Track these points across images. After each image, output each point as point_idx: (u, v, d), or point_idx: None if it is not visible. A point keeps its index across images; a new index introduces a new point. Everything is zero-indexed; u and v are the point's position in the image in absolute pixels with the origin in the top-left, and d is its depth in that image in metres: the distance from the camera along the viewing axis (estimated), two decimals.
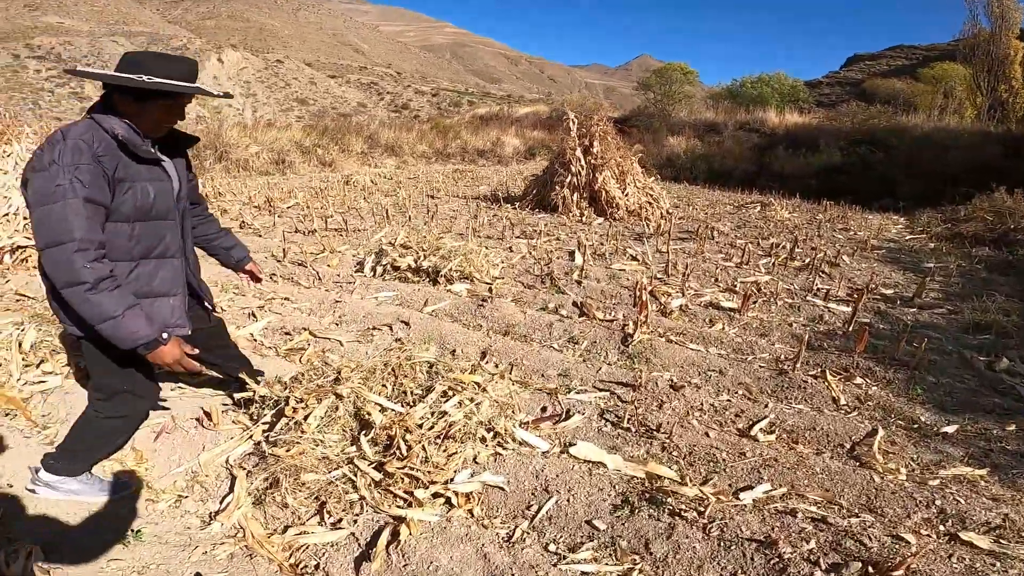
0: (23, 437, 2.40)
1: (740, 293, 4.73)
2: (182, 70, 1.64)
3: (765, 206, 9.86)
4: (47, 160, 1.51)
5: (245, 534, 1.84)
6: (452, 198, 9.81)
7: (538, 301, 4.34)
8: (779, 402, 3.03)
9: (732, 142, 16.14)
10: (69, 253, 1.48)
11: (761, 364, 3.47)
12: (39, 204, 1.49)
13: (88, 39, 51.18)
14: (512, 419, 2.41)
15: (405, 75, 72.80)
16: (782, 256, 6.05)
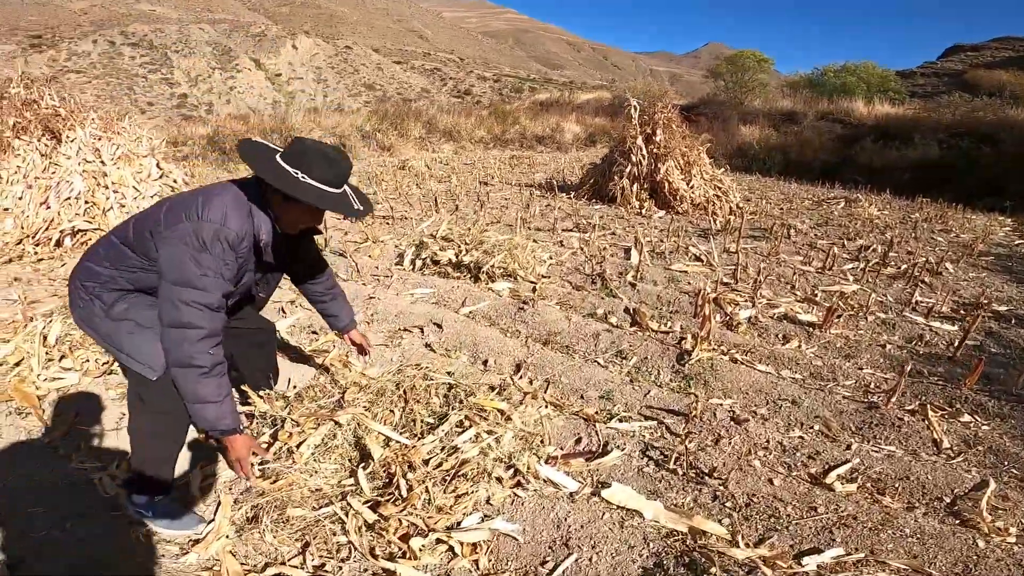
0: (27, 436, 2.32)
1: (822, 304, 4.16)
2: (333, 175, 1.66)
3: (851, 202, 8.93)
4: (199, 245, 1.55)
5: (221, 569, 1.63)
6: (506, 185, 9.50)
7: (586, 305, 3.96)
8: (865, 442, 2.54)
9: (812, 132, 14.90)
10: (194, 340, 1.57)
11: (845, 394, 2.96)
12: (180, 284, 1.54)
13: (177, 26, 54.51)
14: (538, 453, 2.08)
15: (467, 61, 73.08)
16: (873, 261, 5.34)
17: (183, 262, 1.54)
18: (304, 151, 1.65)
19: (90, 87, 43.22)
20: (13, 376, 2.65)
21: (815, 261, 5.42)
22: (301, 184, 1.61)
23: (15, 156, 5.21)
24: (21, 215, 5.06)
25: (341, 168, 1.69)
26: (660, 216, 7.42)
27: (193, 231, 1.55)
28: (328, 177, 1.66)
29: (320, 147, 1.67)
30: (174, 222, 1.58)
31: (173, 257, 1.55)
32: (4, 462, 2.14)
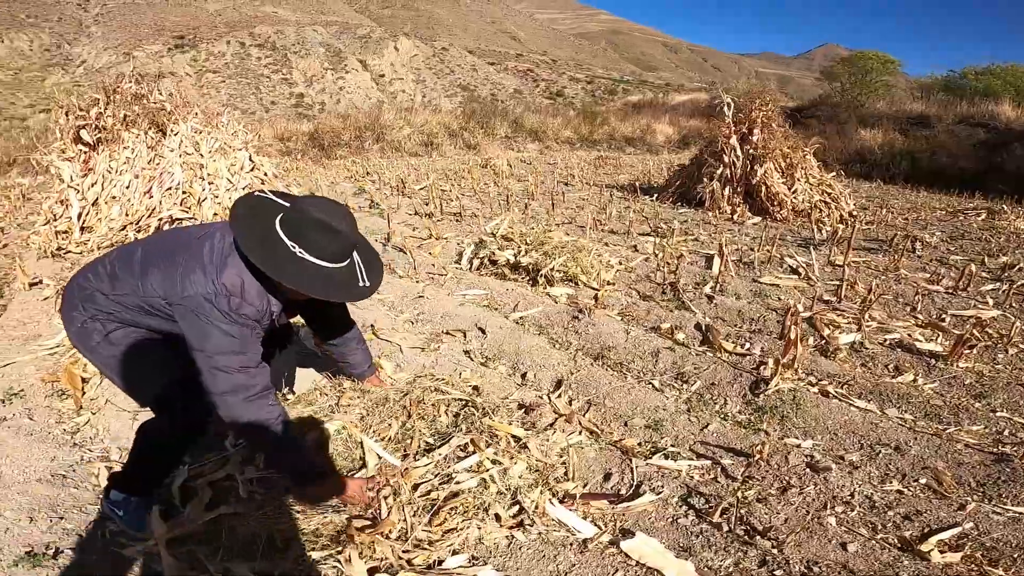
0: (55, 423, 2.41)
1: (950, 331, 3.48)
2: (334, 250, 1.52)
3: (993, 213, 7.66)
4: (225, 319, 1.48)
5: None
6: (586, 186, 9.19)
7: (651, 318, 3.59)
8: (985, 502, 2.03)
9: (948, 137, 13.24)
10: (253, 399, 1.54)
11: (969, 441, 2.40)
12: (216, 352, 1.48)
13: (295, 28, 59.43)
14: (554, 489, 1.80)
15: (560, 62, 73.15)
16: (1019, 282, 4.46)
17: (212, 335, 1.47)
18: (302, 221, 1.49)
19: (224, 86, 48.32)
20: (68, 356, 2.82)
21: (945, 280, 4.63)
22: (295, 266, 1.46)
23: (124, 148, 5.70)
24: (127, 203, 5.51)
25: (342, 240, 1.52)
26: (754, 223, 6.77)
27: (213, 304, 1.46)
28: (331, 251, 1.50)
29: (321, 214, 1.49)
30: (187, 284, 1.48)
31: (200, 330, 1.47)
32: (16, 448, 2.22)
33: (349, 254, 1.57)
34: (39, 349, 3.10)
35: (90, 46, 57.51)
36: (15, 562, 1.67)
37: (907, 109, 16.39)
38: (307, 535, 1.65)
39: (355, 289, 1.56)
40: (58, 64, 55.02)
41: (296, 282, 1.45)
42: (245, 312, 1.49)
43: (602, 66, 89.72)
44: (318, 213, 1.49)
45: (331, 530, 1.62)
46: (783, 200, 6.94)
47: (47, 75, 53.03)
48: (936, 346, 3.28)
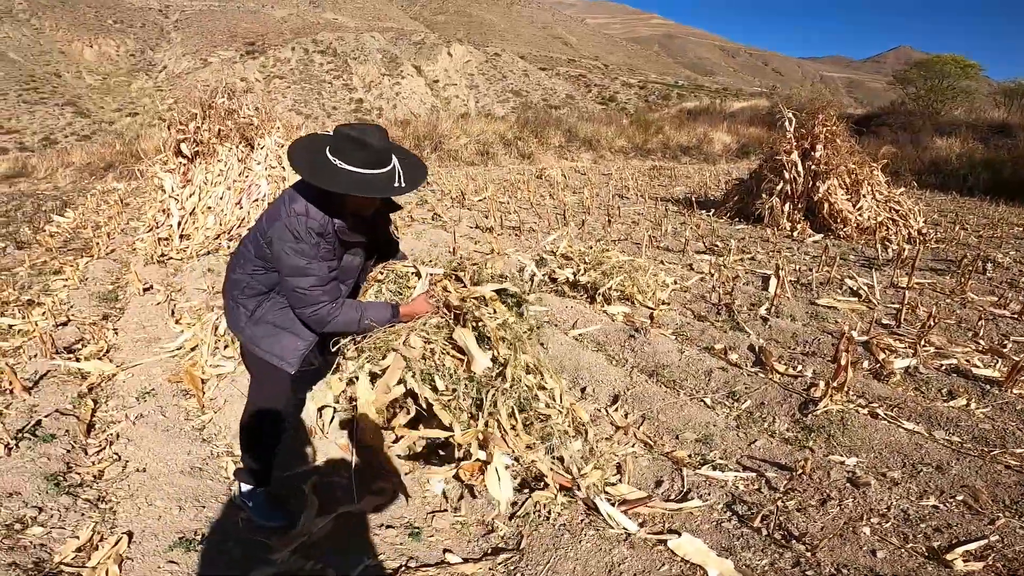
0: (184, 420, 2.88)
1: (1010, 358, 3.54)
2: (367, 158, 1.85)
3: None
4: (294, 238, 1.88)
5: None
6: (641, 198, 9.38)
7: (705, 338, 3.82)
8: (1016, 518, 2.19)
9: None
10: (324, 309, 1.96)
11: (1011, 463, 2.53)
12: (293, 275, 1.92)
13: (354, 34, 61.79)
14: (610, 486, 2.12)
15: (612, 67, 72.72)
16: None
17: (288, 256, 1.88)
18: (340, 140, 1.86)
19: (289, 92, 50.80)
20: (188, 360, 3.33)
21: (1013, 304, 4.61)
22: (339, 175, 1.83)
23: (218, 161, 6.29)
24: (220, 213, 6.15)
25: (372, 150, 1.84)
26: (815, 240, 6.80)
27: (287, 227, 1.88)
28: (364, 159, 1.84)
29: (354, 132, 1.85)
30: (272, 221, 1.93)
31: (280, 254, 1.90)
32: (156, 442, 2.67)
33: (385, 163, 1.88)
34: (161, 351, 3.65)
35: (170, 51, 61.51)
36: (170, 547, 2.07)
37: (988, 117, 15.64)
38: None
39: (391, 188, 1.89)
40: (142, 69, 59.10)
41: (342, 187, 1.82)
42: (311, 227, 1.87)
43: (655, 71, 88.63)
44: (352, 132, 1.85)
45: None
46: (847, 217, 6.93)
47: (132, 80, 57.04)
48: (993, 372, 3.35)
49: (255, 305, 2.07)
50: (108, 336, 3.94)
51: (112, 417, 2.94)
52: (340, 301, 2.00)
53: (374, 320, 2.06)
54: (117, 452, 2.64)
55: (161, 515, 2.22)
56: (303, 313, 1.98)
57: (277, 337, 2.04)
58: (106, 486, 2.41)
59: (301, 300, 1.95)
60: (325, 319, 1.97)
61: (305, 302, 1.94)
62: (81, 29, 61.21)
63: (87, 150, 16.07)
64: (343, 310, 2.00)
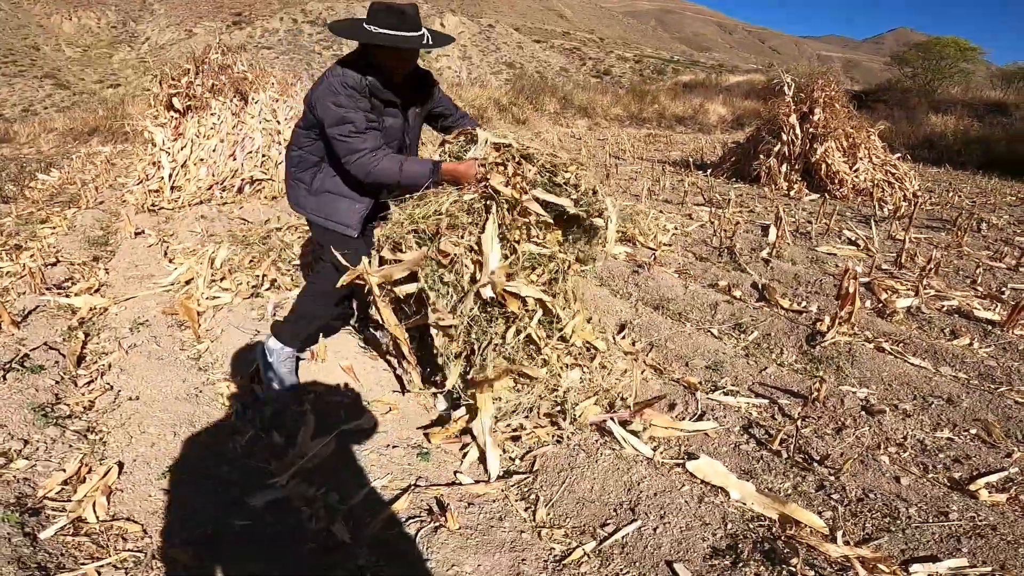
0: (179, 350, 2.76)
1: (1008, 303, 3.51)
2: (396, 22, 1.99)
3: None
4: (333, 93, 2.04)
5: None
6: (638, 160, 9.23)
7: (708, 276, 3.74)
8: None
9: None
10: (366, 156, 2.05)
11: (1019, 399, 2.50)
12: (334, 124, 2.04)
13: (345, 4, 60.03)
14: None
15: (607, 41, 71.56)
16: None
17: (329, 108, 2.03)
18: (375, 9, 2.02)
19: (278, 62, 49.48)
20: (182, 293, 3.20)
21: (1008, 258, 4.58)
22: (371, 33, 1.98)
23: (211, 115, 6.14)
24: (213, 165, 6.01)
25: (404, 14, 2.00)
26: (811, 199, 6.73)
27: (327, 86, 2.05)
28: (393, 23, 1.99)
29: (387, 3, 2.02)
30: (316, 87, 2.10)
31: (323, 109, 2.04)
32: (149, 371, 2.56)
33: (415, 27, 2.02)
34: (155, 287, 3.51)
35: (153, 23, 59.61)
36: (163, 474, 1.96)
37: (984, 96, 15.60)
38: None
39: (416, 42, 2.01)
40: (124, 41, 57.28)
41: (373, 39, 1.98)
42: (346, 82, 2.03)
43: (651, 45, 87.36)
44: (384, 2, 2.02)
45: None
46: (843, 178, 6.86)
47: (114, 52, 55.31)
48: (993, 315, 3.32)
49: (311, 177, 2.23)
50: (99, 274, 3.79)
51: (104, 348, 2.82)
52: (383, 151, 2.08)
53: (413, 172, 2.08)
54: (109, 382, 2.51)
55: (155, 442, 2.10)
56: (348, 161, 2.06)
57: (336, 204, 2.21)
58: (96, 416, 2.29)
59: (343, 147, 2.05)
60: (366, 166, 2.05)
61: (347, 149, 2.05)
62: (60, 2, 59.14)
63: (70, 115, 15.53)
64: (384, 160, 2.07)
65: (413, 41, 2.00)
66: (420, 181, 2.10)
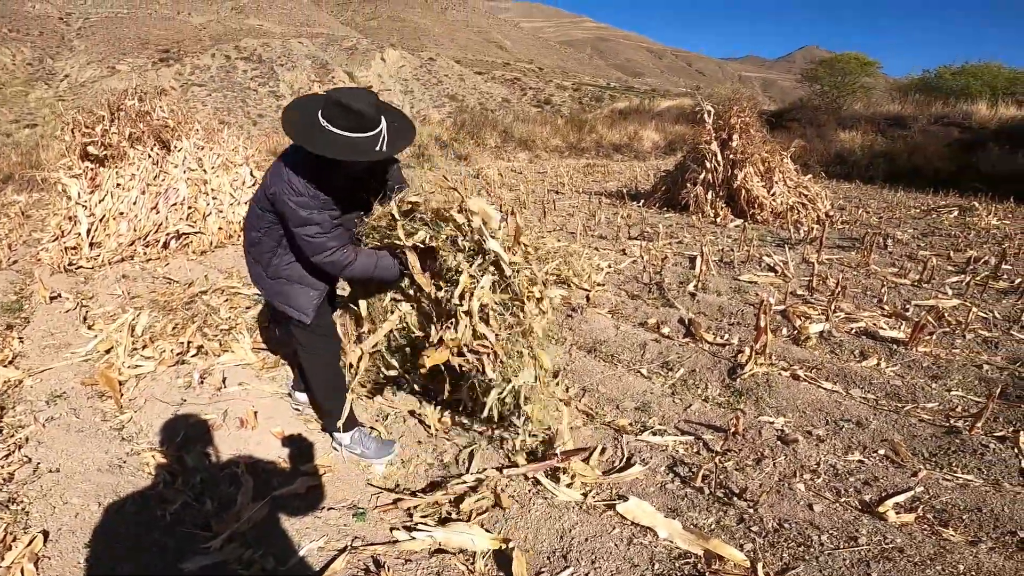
0: (101, 421, 2.67)
1: (911, 320, 3.84)
2: (352, 124, 1.89)
3: (965, 211, 8.10)
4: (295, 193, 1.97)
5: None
6: (576, 194, 9.53)
7: (638, 315, 3.91)
8: (936, 470, 2.35)
9: (923, 137, 13.73)
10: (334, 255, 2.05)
11: (924, 416, 2.73)
12: (299, 225, 2.00)
13: (280, 40, 59.40)
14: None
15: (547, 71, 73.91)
16: (981, 274, 4.84)
17: (292, 210, 1.97)
18: (330, 104, 1.90)
19: (210, 99, 48.03)
20: (103, 362, 3.07)
21: (912, 273, 4.99)
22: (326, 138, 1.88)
23: (130, 164, 5.80)
24: (134, 219, 5.67)
25: (359, 116, 1.88)
26: (736, 225, 7.14)
27: (287, 184, 1.96)
28: (351, 124, 1.88)
29: (342, 97, 1.88)
30: (272, 179, 2.02)
31: (285, 208, 1.98)
32: (69, 443, 2.47)
33: (371, 127, 1.91)
34: (73, 357, 3.35)
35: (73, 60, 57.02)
36: (89, 544, 1.92)
37: (884, 110, 16.85)
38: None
39: (372, 153, 1.91)
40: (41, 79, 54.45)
41: (325, 149, 1.87)
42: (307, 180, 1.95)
43: (588, 73, 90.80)
44: (342, 98, 1.88)
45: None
46: (763, 203, 7.31)
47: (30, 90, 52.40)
48: (898, 333, 3.61)
49: (267, 260, 2.20)
50: (13, 345, 3.58)
51: (20, 422, 2.69)
52: (351, 248, 2.10)
53: (387, 267, 2.14)
54: (27, 455, 2.41)
55: (79, 512, 2.05)
56: (318, 260, 2.06)
57: (292, 291, 2.20)
58: (16, 488, 2.21)
59: (310, 247, 2.04)
60: (340, 263, 2.06)
61: (314, 248, 2.04)
62: None
63: None
64: (360, 257, 2.10)
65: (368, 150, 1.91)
66: (392, 276, 2.18)
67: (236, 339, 3.32)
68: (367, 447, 2.43)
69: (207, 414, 2.69)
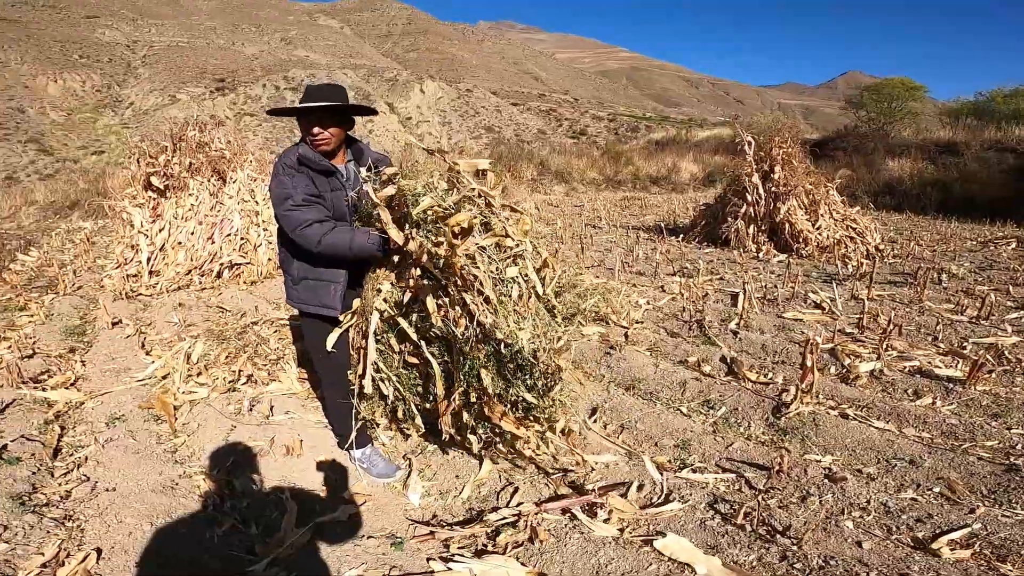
0: (156, 443, 2.83)
1: (969, 358, 3.70)
2: (305, 96, 2.29)
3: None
4: (275, 175, 2.30)
5: None
6: (613, 228, 9.60)
7: (678, 353, 3.91)
8: (995, 507, 2.27)
9: (977, 164, 13.29)
10: (310, 228, 2.21)
11: (983, 454, 2.64)
12: (278, 203, 2.26)
13: (326, 71, 62.25)
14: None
15: (582, 101, 74.92)
16: None
17: (272, 190, 2.28)
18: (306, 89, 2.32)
19: (260, 130, 50.52)
20: (159, 387, 3.27)
21: (969, 310, 4.83)
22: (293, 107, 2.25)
23: (189, 195, 6.13)
24: (191, 248, 5.98)
25: (308, 88, 2.30)
26: (779, 260, 7.05)
27: (272, 172, 2.31)
28: (304, 100, 2.26)
29: (310, 86, 2.32)
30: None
31: (271, 194, 2.29)
32: (126, 464, 2.62)
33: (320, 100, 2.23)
34: (131, 380, 3.57)
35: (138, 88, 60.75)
36: (141, 563, 2.02)
37: (935, 137, 16.43)
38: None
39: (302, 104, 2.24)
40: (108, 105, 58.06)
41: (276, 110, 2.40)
42: (284, 162, 2.28)
43: (623, 103, 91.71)
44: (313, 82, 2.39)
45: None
46: (807, 237, 7.21)
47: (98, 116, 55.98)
48: (955, 371, 3.50)
49: (289, 268, 2.43)
50: (76, 367, 3.84)
51: (80, 442, 2.87)
52: (329, 222, 2.24)
53: (361, 244, 2.20)
54: (85, 474, 2.56)
55: (132, 531, 2.16)
56: (295, 234, 2.23)
57: (315, 290, 2.38)
58: (73, 505, 2.35)
59: (289, 222, 2.22)
60: (313, 236, 2.20)
61: (292, 222, 2.22)
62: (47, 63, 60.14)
63: (51, 187, 15.73)
64: (333, 232, 2.22)
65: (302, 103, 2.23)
66: (370, 253, 2.27)
67: (283, 369, 3.50)
68: (373, 464, 2.61)
69: (255, 441, 2.81)
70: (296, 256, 2.40)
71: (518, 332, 2.02)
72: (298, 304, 2.46)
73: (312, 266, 2.37)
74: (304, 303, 2.42)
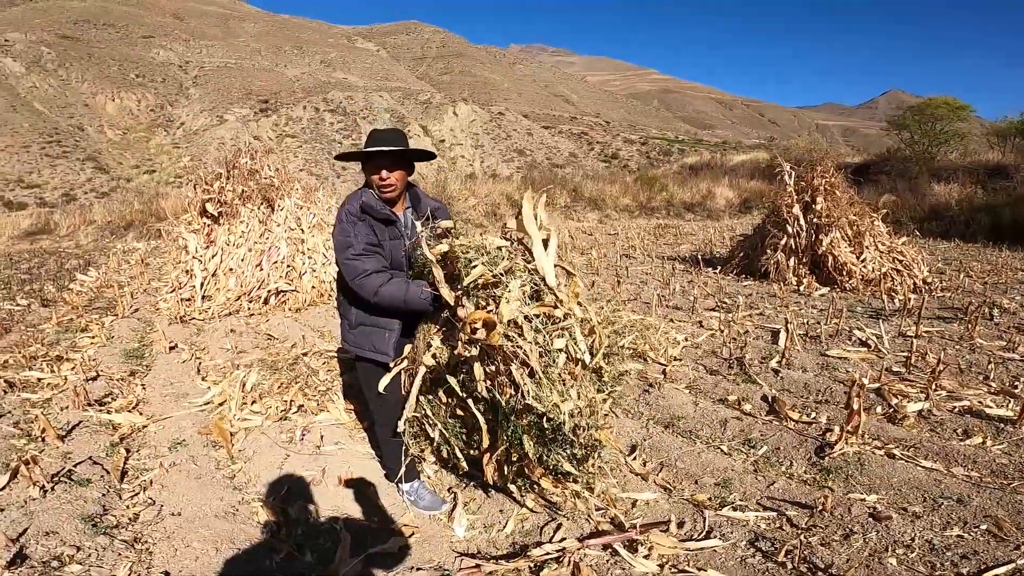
0: (215, 469, 3.01)
1: (1021, 397, 3.64)
2: (375, 139, 2.44)
3: None
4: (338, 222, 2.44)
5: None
6: (648, 258, 9.64)
7: (718, 391, 3.95)
8: None
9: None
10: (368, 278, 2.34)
11: None
12: (339, 251, 2.41)
13: (363, 93, 64.34)
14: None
15: (613, 124, 75.33)
16: None
17: (335, 238, 2.42)
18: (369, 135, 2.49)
19: (301, 151, 52.22)
20: (216, 414, 3.50)
21: (1022, 347, 4.72)
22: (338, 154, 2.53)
23: (240, 222, 6.45)
24: (241, 275, 6.30)
25: (373, 133, 2.46)
26: (822, 294, 6.97)
27: (336, 219, 2.45)
28: (370, 144, 2.41)
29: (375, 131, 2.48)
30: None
31: (333, 241, 2.43)
32: (189, 488, 2.80)
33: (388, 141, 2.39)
34: (190, 406, 3.81)
35: (189, 108, 63.66)
36: None
37: (983, 159, 15.89)
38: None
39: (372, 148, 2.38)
40: (161, 125, 60.96)
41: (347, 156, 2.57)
42: (348, 210, 2.40)
43: (655, 126, 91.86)
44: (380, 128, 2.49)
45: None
46: (851, 270, 7.10)
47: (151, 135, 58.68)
48: (1007, 411, 3.44)
49: (346, 312, 2.58)
50: (137, 391, 4.11)
51: (145, 465, 3.06)
52: (386, 273, 2.36)
53: (415, 297, 2.30)
54: (151, 497, 2.74)
55: (198, 556, 2.31)
56: (354, 283, 2.36)
57: (369, 336, 2.53)
58: (141, 528, 2.51)
59: (348, 270, 2.36)
60: (371, 286, 2.32)
61: (351, 271, 2.35)
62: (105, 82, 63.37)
63: (107, 208, 16.69)
64: (390, 283, 2.33)
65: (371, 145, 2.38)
66: (423, 309, 2.34)
67: (332, 400, 3.70)
68: (421, 497, 2.73)
69: (307, 470, 2.98)
70: (354, 303, 2.53)
71: (561, 405, 2.02)
72: (353, 348, 2.59)
73: (368, 313, 2.51)
74: (359, 347, 2.56)
